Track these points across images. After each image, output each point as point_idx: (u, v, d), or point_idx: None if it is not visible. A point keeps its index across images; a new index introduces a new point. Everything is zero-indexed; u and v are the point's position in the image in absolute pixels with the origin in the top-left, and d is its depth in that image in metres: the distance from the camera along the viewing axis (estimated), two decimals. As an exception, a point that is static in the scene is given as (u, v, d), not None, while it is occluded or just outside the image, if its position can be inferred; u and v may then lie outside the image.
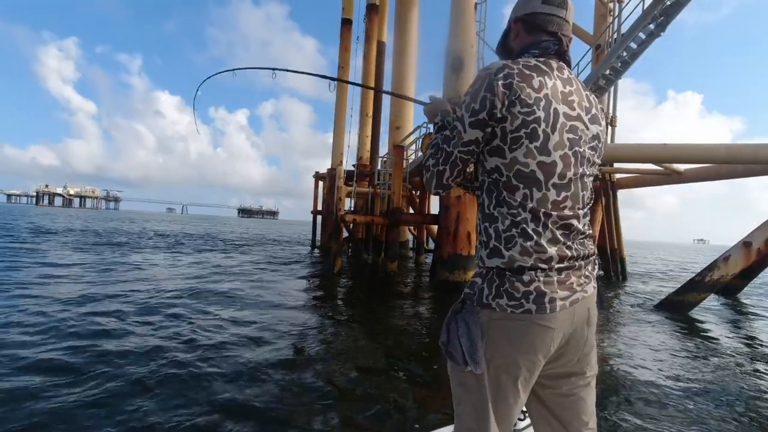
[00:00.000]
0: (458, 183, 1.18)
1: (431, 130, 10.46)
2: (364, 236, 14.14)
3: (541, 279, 1.02)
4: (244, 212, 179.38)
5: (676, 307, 7.71)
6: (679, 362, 4.48)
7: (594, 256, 1.14)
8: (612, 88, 12.83)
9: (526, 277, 1.02)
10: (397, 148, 10.33)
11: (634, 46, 10.01)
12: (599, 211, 13.34)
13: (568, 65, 1.15)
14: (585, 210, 1.11)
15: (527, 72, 1.03)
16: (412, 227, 15.17)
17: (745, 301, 9.75)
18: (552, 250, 1.03)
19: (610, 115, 13.58)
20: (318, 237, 17.51)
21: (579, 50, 14.75)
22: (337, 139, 16.79)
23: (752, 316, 7.88)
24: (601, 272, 13.28)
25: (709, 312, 7.92)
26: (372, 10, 15.54)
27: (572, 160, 1.06)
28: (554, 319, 1.02)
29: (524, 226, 1.03)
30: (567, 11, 1.16)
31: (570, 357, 1.12)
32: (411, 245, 16.17)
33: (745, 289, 10.60)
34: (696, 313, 7.47)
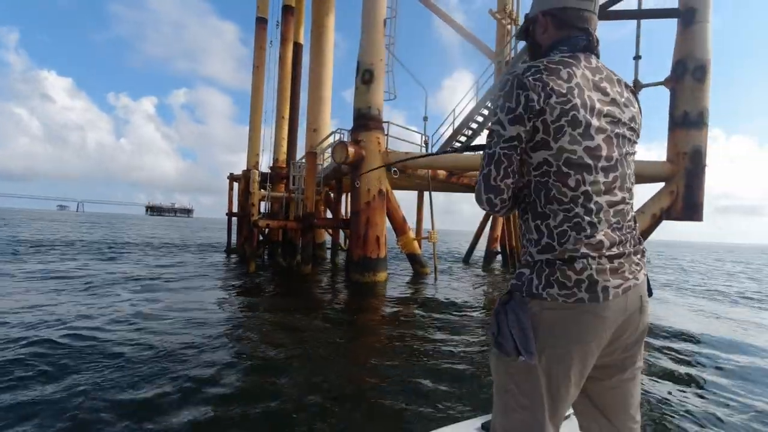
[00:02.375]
0: (510, 188, 1.10)
1: (346, 138, 10.90)
2: (281, 239, 14.15)
3: (594, 267, 1.01)
4: (154, 210, 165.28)
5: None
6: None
7: (642, 245, 1.14)
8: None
9: (578, 266, 1.01)
10: (310, 155, 10.58)
11: (523, 68, 11.27)
12: (499, 212, 14.77)
13: (597, 57, 1.16)
14: (632, 190, 1.14)
15: (553, 66, 1.05)
16: (330, 230, 15.45)
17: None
18: (604, 239, 1.03)
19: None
20: (234, 240, 17.06)
21: (484, 64, 16.10)
22: (252, 140, 16.51)
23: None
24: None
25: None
26: (288, 12, 15.51)
27: (615, 141, 1.08)
28: (607, 308, 1.01)
29: (577, 220, 1.03)
30: (594, 3, 1.16)
31: (621, 346, 1.10)
32: (328, 246, 16.46)
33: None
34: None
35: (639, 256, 1.11)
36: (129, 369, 3.74)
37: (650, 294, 1.15)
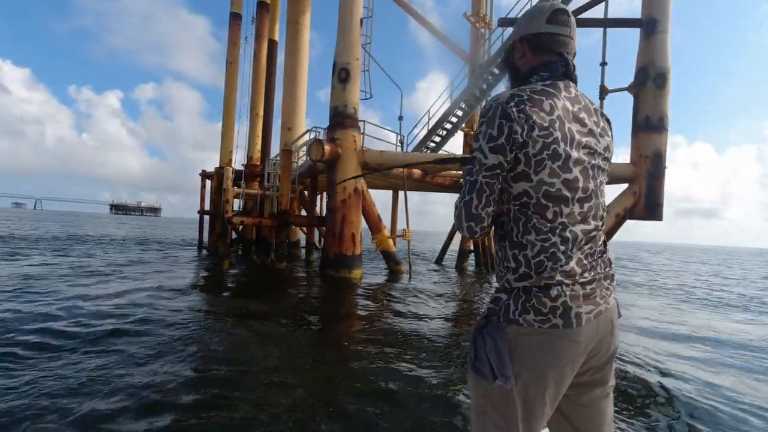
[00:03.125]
0: (490, 216, 1.12)
1: (322, 136, 10.91)
2: (255, 237, 13.99)
3: (567, 294, 1.05)
4: (119, 209, 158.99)
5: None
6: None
7: (612, 269, 1.18)
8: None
9: (553, 293, 1.05)
10: (285, 152, 10.52)
11: (496, 71, 11.62)
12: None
13: (575, 83, 1.19)
14: (604, 217, 1.18)
15: (536, 97, 1.07)
16: (304, 228, 15.38)
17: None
18: (577, 268, 1.08)
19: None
20: (206, 238, 16.72)
21: (458, 67, 16.40)
22: (225, 137, 16.25)
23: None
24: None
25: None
26: (263, 8, 15.34)
27: (591, 173, 1.12)
28: (581, 333, 1.06)
29: (554, 250, 1.07)
30: (570, 28, 1.19)
31: (593, 367, 1.15)
32: (303, 244, 16.37)
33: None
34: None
35: (609, 281, 1.15)
36: (71, 378, 3.37)
37: (619, 316, 1.20)
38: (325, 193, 12.68)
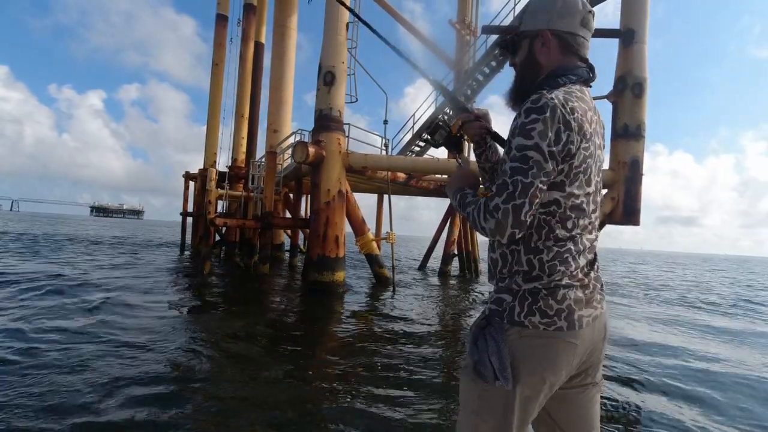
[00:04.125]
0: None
1: (307, 138, 10.93)
2: (239, 239, 13.87)
3: (572, 297, 1.07)
4: (99, 211, 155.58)
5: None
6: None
7: (602, 277, 1.20)
8: (469, 107, 14.84)
9: (559, 296, 1.06)
10: (270, 154, 10.50)
11: (480, 77, 11.81)
12: (459, 217, 15.18)
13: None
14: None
15: (582, 106, 1.05)
16: (289, 230, 15.32)
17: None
18: (581, 274, 1.09)
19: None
20: (189, 240, 16.51)
21: (445, 72, 16.60)
22: (210, 139, 16.13)
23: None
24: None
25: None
26: (249, 10, 15.33)
27: (599, 186, 1.14)
28: (580, 336, 1.07)
29: (567, 255, 1.08)
30: (591, 33, 1.17)
31: (584, 368, 1.16)
32: (287, 248, 16.29)
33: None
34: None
35: (601, 286, 1.17)
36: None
37: None
38: (309, 196, 12.67)
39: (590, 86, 1.15)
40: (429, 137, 1.11)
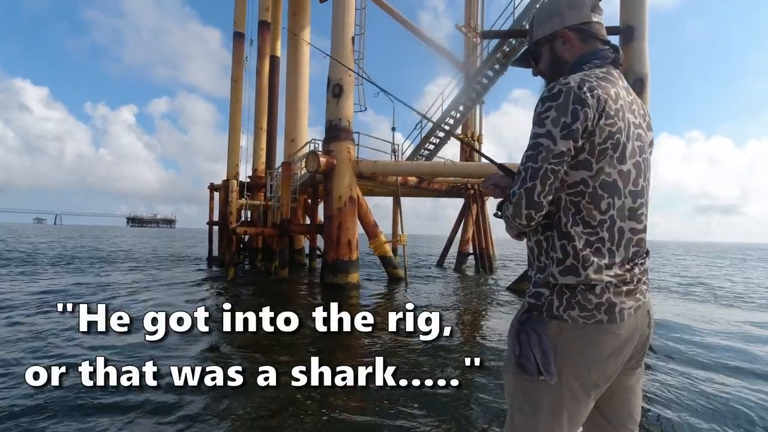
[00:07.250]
0: (548, 204, 1.06)
1: (319, 149, 11.50)
2: (261, 246, 14.62)
3: (611, 291, 1.05)
4: (135, 221, 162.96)
5: (517, 290, 9.74)
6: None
7: (648, 263, 1.17)
8: (478, 108, 15.13)
9: (597, 290, 1.04)
10: (285, 164, 11.14)
11: (485, 81, 12.14)
12: (471, 216, 15.46)
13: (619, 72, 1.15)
14: (647, 215, 1.14)
15: (604, 84, 1.05)
16: (307, 235, 15.95)
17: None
18: (623, 269, 1.07)
19: (477, 133, 15.88)
20: (217, 249, 17.21)
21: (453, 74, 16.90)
22: (232, 152, 16.99)
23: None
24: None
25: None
26: (264, 27, 16.08)
27: (642, 167, 1.10)
28: (623, 327, 1.06)
29: (599, 245, 1.05)
30: (602, 13, 1.19)
31: (631, 357, 1.14)
32: (307, 252, 16.93)
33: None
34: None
35: (646, 276, 1.14)
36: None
37: None
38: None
39: (620, 65, 1.15)
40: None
